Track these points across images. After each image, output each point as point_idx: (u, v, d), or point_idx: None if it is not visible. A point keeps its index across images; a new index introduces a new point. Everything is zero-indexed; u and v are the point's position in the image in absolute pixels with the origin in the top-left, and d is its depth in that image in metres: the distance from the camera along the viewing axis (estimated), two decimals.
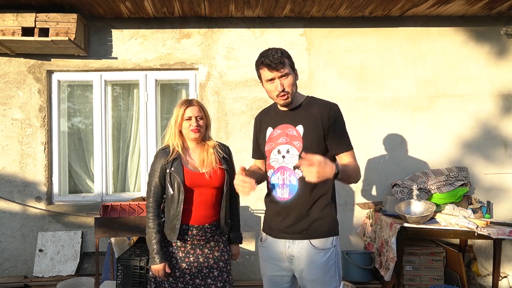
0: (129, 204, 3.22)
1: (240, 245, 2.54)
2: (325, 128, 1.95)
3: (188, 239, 2.25)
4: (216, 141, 2.41)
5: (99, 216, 3.13)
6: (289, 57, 1.98)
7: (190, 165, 2.29)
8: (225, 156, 2.37)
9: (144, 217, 3.06)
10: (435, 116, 4.05)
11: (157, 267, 2.19)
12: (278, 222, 2.01)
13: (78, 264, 3.82)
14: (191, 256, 2.26)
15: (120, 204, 3.20)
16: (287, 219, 1.98)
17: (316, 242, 1.94)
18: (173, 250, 2.25)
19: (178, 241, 2.25)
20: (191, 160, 2.31)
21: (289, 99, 1.97)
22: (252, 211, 3.97)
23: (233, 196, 2.40)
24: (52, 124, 4.02)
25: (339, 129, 1.98)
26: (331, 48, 4.05)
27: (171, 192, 2.23)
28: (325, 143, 1.97)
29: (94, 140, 4.08)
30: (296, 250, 1.96)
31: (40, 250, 3.83)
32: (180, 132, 2.33)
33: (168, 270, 2.20)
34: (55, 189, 4.00)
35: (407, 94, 4.06)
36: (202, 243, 2.28)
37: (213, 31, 4.03)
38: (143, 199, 3.56)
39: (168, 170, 2.24)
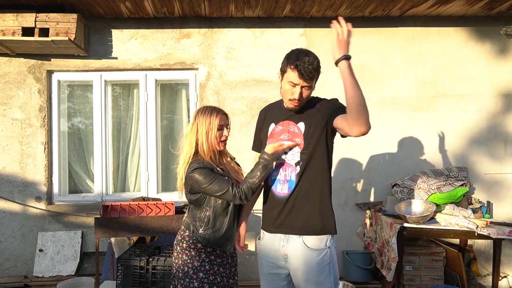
0: (129, 204, 3.22)
1: None
2: (325, 117, 1.96)
3: None
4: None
5: (99, 216, 3.13)
6: (319, 71, 1.98)
7: (230, 173, 2.22)
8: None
9: (144, 217, 3.07)
10: (435, 116, 4.05)
11: (276, 147, 1.97)
12: (273, 216, 2.03)
13: (78, 264, 3.82)
14: (224, 258, 2.26)
15: (120, 204, 3.19)
16: (283, 213, 2.00)
17: (309, 241, 1.94)
18: (213, 258, 2.20)
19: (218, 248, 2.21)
20: (225, 168, 2.24)
21: (298, 107, 1.99)
22: (252, 211, 3.96)
23: None
24: (52, 124, 4.02)
25: (335, 103, 2.01)
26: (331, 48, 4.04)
27: (225, 204, 2.14)
28: (326, 141, 1.99)
29: (94, 140, 4.08)
30: (290, 250, 1.97)
31: (40, 250, 3.83)
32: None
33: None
34: (55, 189, 4.00)
35: (407, 94, 4.06)
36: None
37: (213, 31, 4.03)
38: (143, 199, 3.56)
39: None
